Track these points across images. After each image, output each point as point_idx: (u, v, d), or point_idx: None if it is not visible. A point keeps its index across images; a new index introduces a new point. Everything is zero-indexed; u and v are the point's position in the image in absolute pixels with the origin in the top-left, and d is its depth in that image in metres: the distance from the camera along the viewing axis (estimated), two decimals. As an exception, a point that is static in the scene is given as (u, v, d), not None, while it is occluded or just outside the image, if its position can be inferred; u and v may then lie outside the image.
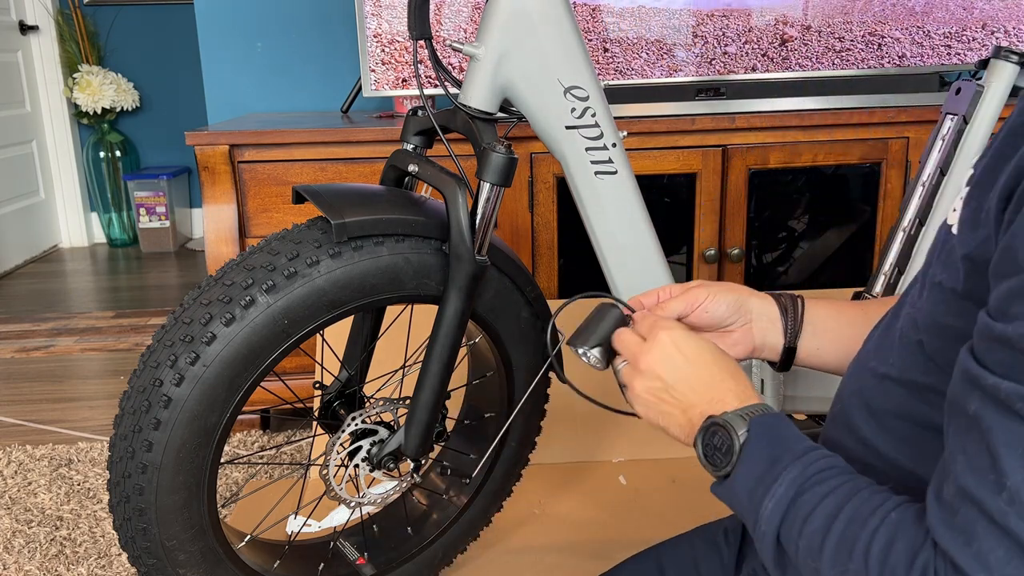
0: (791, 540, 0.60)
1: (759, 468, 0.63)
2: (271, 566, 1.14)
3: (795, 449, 0.63)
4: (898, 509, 0.55)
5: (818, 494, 0.59)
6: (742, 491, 0.64)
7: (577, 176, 1.02)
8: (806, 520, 0.59)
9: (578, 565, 1.35)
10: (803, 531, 0.59)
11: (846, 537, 0.56)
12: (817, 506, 0.59)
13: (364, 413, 1.10)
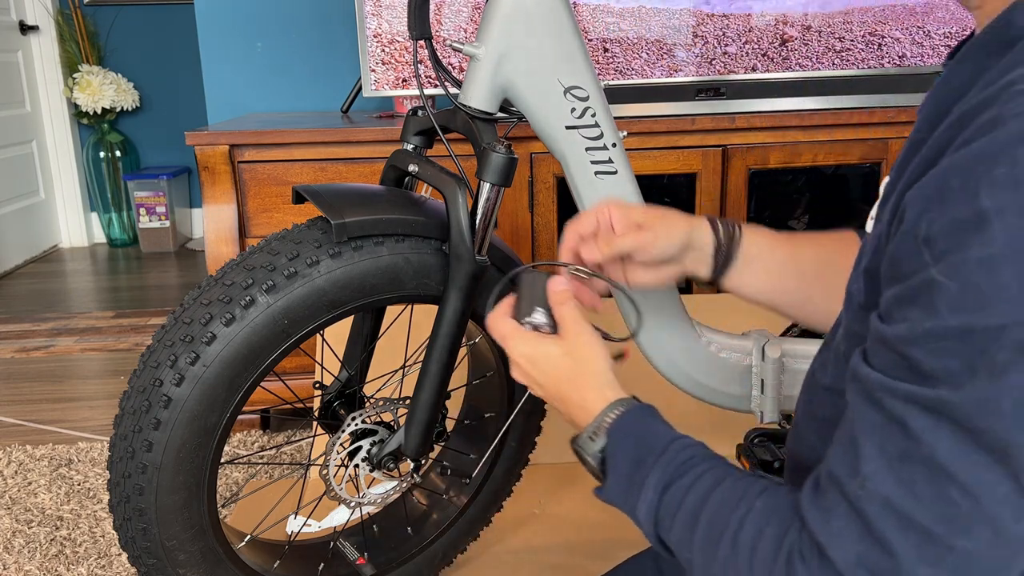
0: (668, 537, 0.64)
1: (625, 475, 0.67)
2: (271, 566, 1.14)
3: (656, 448, 0.67)
4: (762, 497, 0.59)
5: (682, 488, 0.63)
6: (617, 499, 0.68)
7: (577, 176, 1.02)
8: (674, 517, 0.63)
9: (578, 565, 1.35)
10: (673, 527, 0.63)
11: (714, 527, 0.60)
12: (683, 501, 0.63)
13: (364, 413, 1.10)
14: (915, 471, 0.49)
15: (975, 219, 0.46)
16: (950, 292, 0.46)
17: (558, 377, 0.76)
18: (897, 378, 0.50)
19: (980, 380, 0.46)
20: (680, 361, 1.07)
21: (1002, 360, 0.45)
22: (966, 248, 0.46)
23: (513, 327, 0.80)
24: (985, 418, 0.46)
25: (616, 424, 0.70)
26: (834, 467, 0.53)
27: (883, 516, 0.50)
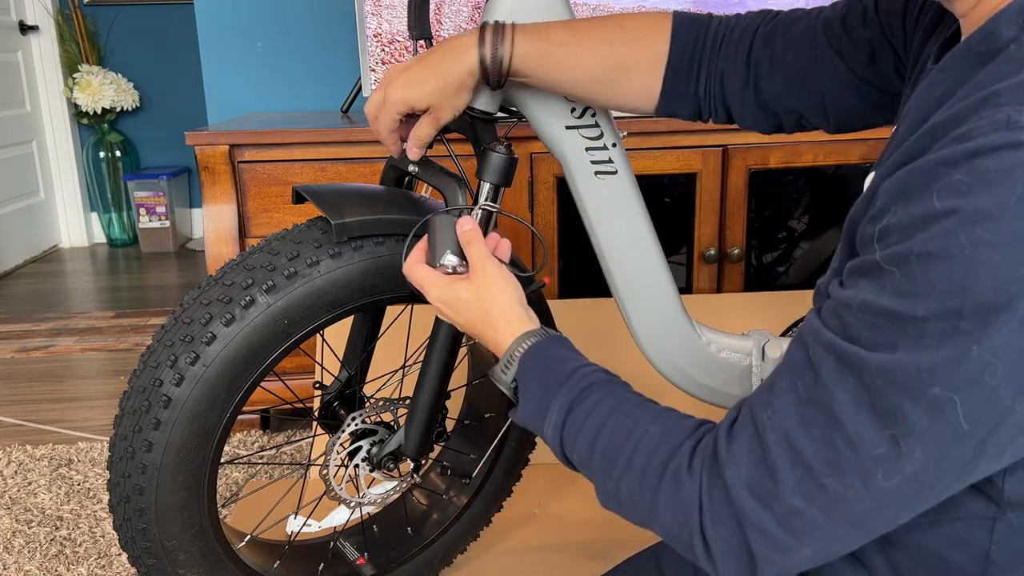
0: (571, 456, 0.70)
1: (533, 401, 0.74)
2: (271, 566, 1.14)
3: (560, 374, 0.73)
4: (656, 422, 0.65)
5: (583, 412, 0.69)
6: (529, 422, 0.75)
7: (577, 176, 1.02)
8: (576, 438, 0.69)
9: (578, 565, 1.35)
10: (576, 447, 0.69)
11: (610, 448, 0.66)
12: (583, 424, 0.69)
13: (364, 413, 1.10)
14: (815, 413, 0.54)
15: (924, 217, 0.50)
16: (893, 278, 0.51)
17: (472, 318, 0.82)
18: (829, 329, 0.55)
19: (893, 352, 0.51)
20: (680, 361, 1.07)
21: (917, 345, 0.50)
22: (910, 242, 0.50)
23: (427, 273, 0.85)
24: (884, 382, 0.51)
25: (525, 356, 0.76)
26: (754, 396, 0.60)
27: (779, 446, 0.56)
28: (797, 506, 0.55)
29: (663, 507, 0.62)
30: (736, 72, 0.90)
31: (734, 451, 0.58)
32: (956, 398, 0.50)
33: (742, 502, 0.57)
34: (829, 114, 0.89)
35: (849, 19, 0.84)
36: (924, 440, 0.51)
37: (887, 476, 0.52)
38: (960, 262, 0.48)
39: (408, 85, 0.88)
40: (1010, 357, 0.48)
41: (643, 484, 0.63)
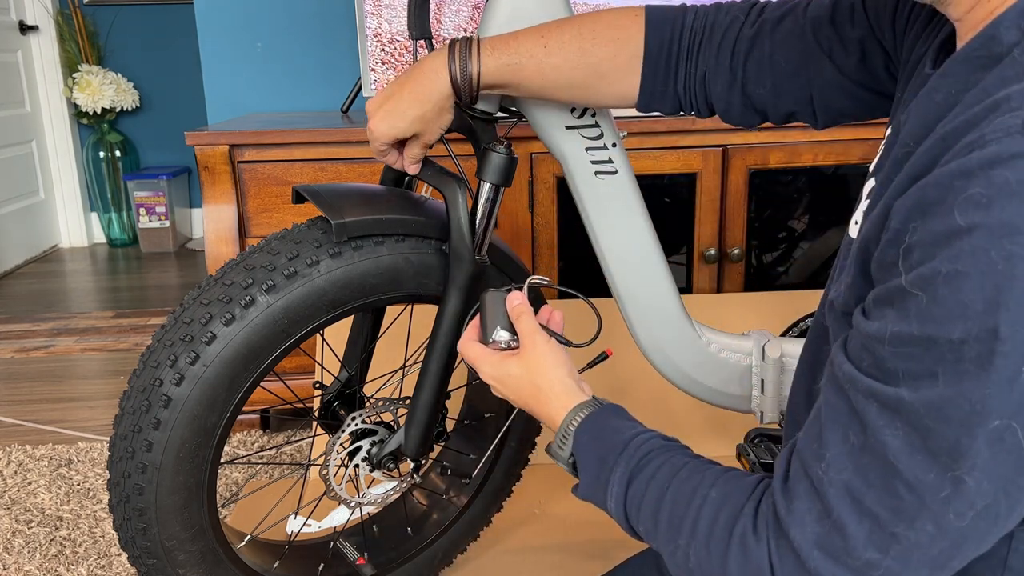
0: (637, 527, 0.69)
1: (593, 475, 0.72)
2: (271, 566, 1.14)
3: (617, 445, 0.71)
4: (716, 485, 0.63)
5: (644, 480, 0.68)
6: (591, 497, 0.73)
7: (577, 176, 1.02)
8: (639, 508, 0.67)
9: (578, 565, 1.35)
10: (640, 518, 0.68)
11: (674, 517, 0.64)
12: (645, 493, 0.67)
13: (364, 413, 1.10)
14: (869, 461, 0.52)
15: (946, 235, 0.48)
16: (919, 302, 0.49)
17: (524, 394, 0.80)
18: (864, 372, 0.53)
19: (936, 386, 0.49)
20: (680, 361, 1.07)
21: (958, 371, 0.48)
22: (935, 261, 0.48)
23: (479, 351, 0.85)
24: (935, 422, 0.49)
25: (579, 428, 0.74)
26: (803, 450, 0.57)
27: (841, 500, 0.54)
28: (872, 559, 0.53)
29: (735, 572, 0.60)
30: (720, 74, 0.88)
31: (795, 510, 0.56)
32: (1015, 424, 0.48)
33: (814, 562, 0.55)
34: (818, 113, 0.88)
35: (837, 17, 0.82)
36: (989, 473, 0.49)
37: (959, 515, 0.50)
38: (992, 278, 0.46)
39: (389, 117, 0.89)
40: None
41: (710, 553, 0.61)
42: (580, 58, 0.87)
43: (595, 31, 0.88)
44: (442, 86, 0.87)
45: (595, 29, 0.88)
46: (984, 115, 0.50)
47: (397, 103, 0.89)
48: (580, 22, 0.89)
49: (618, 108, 0.95)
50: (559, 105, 0.98)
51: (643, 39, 0.88)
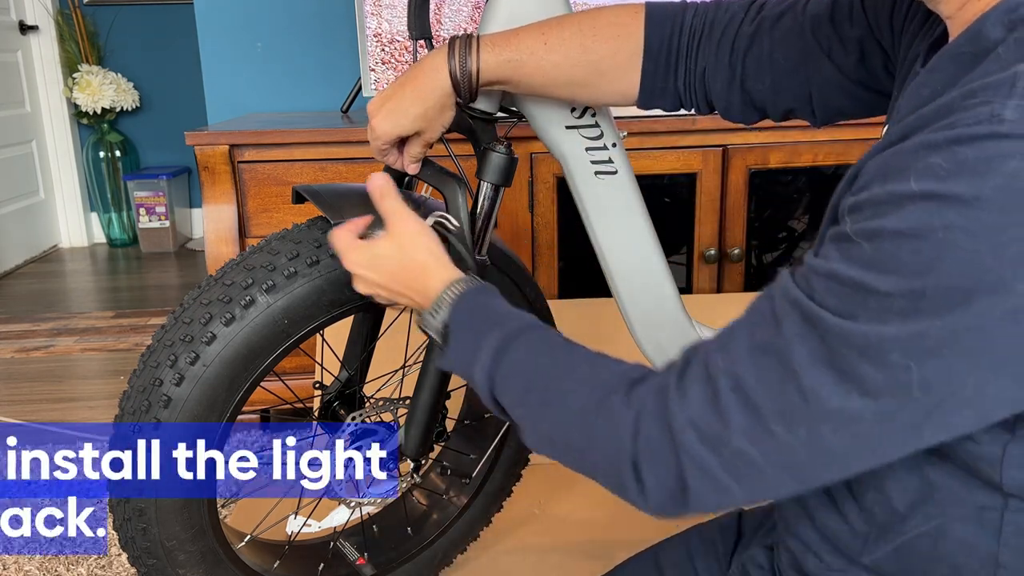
0: (502, 398, 0.70)
1: (463, 342, 0.73)
2: (271, 566, 1.14)
3: (494, 315, 0.73)
4: (592, 363, 0.66)
5: (516, 350, 0.69)
6: (458, 365, 0.74)
7: (577, 176, 1.01)
8: (508, 377, 0.69)
9: (578, 565, 1.35)
10: (506, 388, 0.69)
11: (544, 386, 0.66)
12: (516, 363, 0.69)
13: (364, 413, 1.09)
14: (771, 362, 0.55)
15: (900, 196, 0.51)
16: (862, 251, 0.52)
17: (394, 272, 0.81)
18: (798, 288, 0.56)
19: (856, 323, 0.52)
20: (680, 361, 1.07)
21: (879, 318, 0.51)
22: (884, 219, 0.51)
23: (348, 240, 0.84)
24: (843, 345, 0.52)
25: (458, 299, 0.76)
26: (709, 344, 0.61)
27: (732, 391, 0.57)
28: (743, 449, 0.56)
29: (596, 439, 0.63)
30: (719, 72, 0.88)
31: (683, 389, 0.59)
32: (913, 365, 0.51)
33: (686, 438, 0.58)
34: (817, 111, 0.88)
35: (836, 16, 0.82)
36: (876, 400, 0.52)
37: (834, 430, 0.54)
38: (931, 244, 0.49)
39: (391, 116, 0.89)
40: (969, 337, 0.49)
41: (577, 418, 0.64)
42: (581, 55, 0.87)
43: (595, 28, 0.88)
44: (442, 82, 0.87)
45: (595, 26, 0.88)
46: (959, 102, 0.52)
47: (399, 101, 0.89)
48: (580, 19, 0.89)
49: (618, 105, 0.95)
50: (559, 105, 0.98)
51: (643, 36, 0.88)
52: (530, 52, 0.87)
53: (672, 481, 0.59)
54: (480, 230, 0.97)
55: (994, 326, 0.49)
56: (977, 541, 0.62)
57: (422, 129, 0.90)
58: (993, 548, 0.61)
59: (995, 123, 0.49)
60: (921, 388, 0.51)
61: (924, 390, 0.51)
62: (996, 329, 0.49)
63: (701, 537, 0.90)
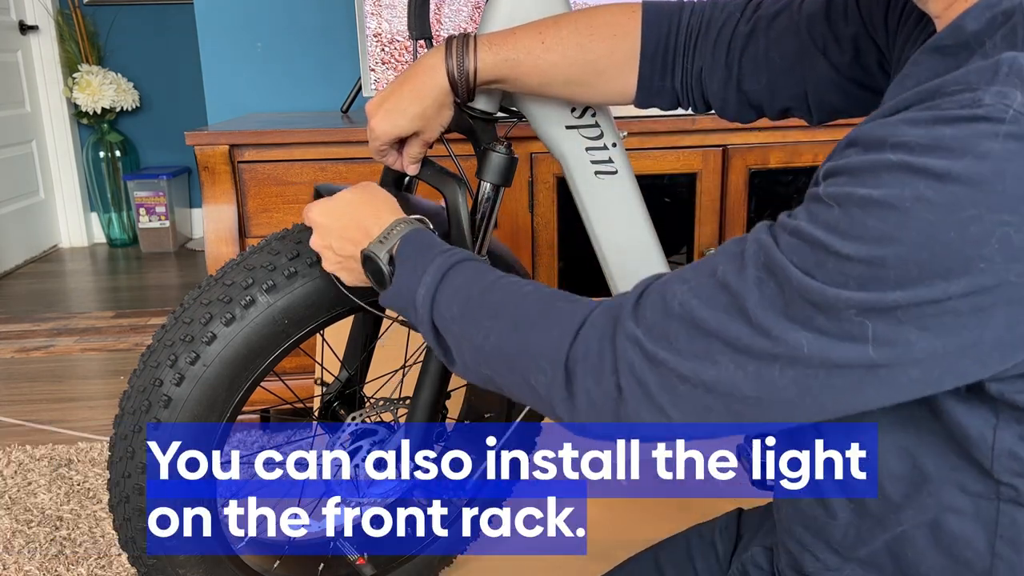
0: (440, 318, 0.71)
1: (408, 267, 0.75)
2: (271, 566, 1.14)
3: (438, 247, 0.75)
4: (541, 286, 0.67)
5: (462, 272, 0.71)
6: (401, 290, 0.75)
7: (577, 176, 1.01)
8: (451, 298, 0.70)
9: (578, 565, 1.35)
10: (449, 302, 0.70)
11: (489, 300, 0.68)
12: (462, 284, 0.70)
13: (364, 413, 1.10)
14: (728, 297, 0.56)
15: (875, 165, 0.52)
16: (830, 213, 0.53)
17: (348, 212, 0.83)
18: (770, 237, 0.57)
19: (813, 280, 0.53)
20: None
21: (836, 280, 0.52)
22: (856, 184, 0.52)
23: (313, 203, 0.87)
24: (801, 298, 0.53)
25: (408, 231, 0.78)
26: (674, 272, 0.62)
27: (684, 318, 0.58)
28: (684, 373, 0.57)
29: (532, 343, 0.63)
30: (716, 71, 0.88)
31: (637, 308, 0.60)
32: (868, 323, 0.51)
33: (628, 351, 0.59)
34: (813, 110, 0.88)
35: (832, 14, 0.83)
36: (825, 348, 0.53)
37: (783, 371, 0.54)
38: (898, 213, 0.50)
39: (389, 116, 0.90)
40: (926, 311, 0.50)
41: (517, 326, 0.65)
42: (578, 54, 0.87)
43: (592, 28, 0.88)
44: (440, 81, 0.87)
45: (592, 25, 0.88)
46: (945, 87, 0.53)
47: (397, 101, 0.89)
48: (577, 18, 0.89)
49: (616, 104, 0.95)
50: (559, 105, 0.98)
51: (640, 36, 0.89)
52: (527, 51, 0.87)
53: (606, 390, 0.60)
54: (480, 230, 0.97)
55: (952, 303, 0.50)
56: (973, 532, 0.61)
57: (420, 129, 0.90)
58: (990, 539, 0.61)
59: (975, 107, 0.50)
60: (873, 344, 0.52)
61: (875, 345, 0.52)
62: (953, 306, 0.50)
63: (700, 537, 0.90)
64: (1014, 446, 0.58)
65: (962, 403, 0.58)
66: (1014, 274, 0.49)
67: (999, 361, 0.53)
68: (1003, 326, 0.51)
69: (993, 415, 0.58)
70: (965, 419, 0.58)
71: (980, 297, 0.49)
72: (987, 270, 0.49)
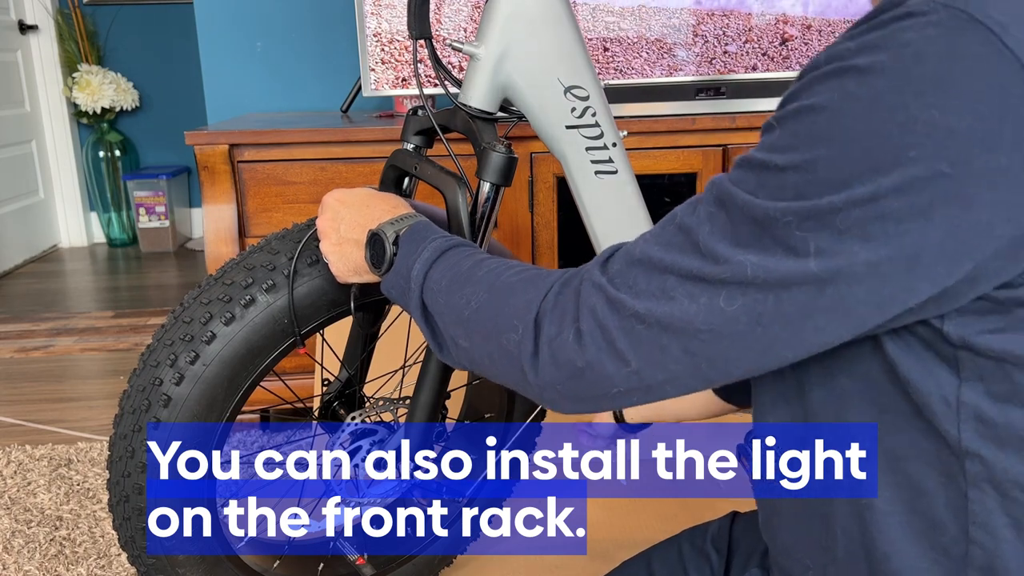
0: (429, 291, 0.72)
1: (413, 244, 0.76)
2: (271, 566, 1.14)
3: (440, 234, 0.77)
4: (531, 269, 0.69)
5: (456, 253, 0.73)
6: (400, 269, 0.76)
7: (577, 176, 1.01)
8: (442, 273, 0.72)
9: (578, 565, 1.35)
10: (439, 276, 0.72)
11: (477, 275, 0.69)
12: (455, 261, 0.72)
13: (364, 413, 1.09)
14: (682, 238, 0.57)
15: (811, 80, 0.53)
16: (772, 134, 0.54)
17: (368, 200, 0.86)
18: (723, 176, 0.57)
19: (756, 198, 0.53)
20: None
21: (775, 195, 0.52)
22: (794, 101, 0.53)
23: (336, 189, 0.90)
24: (745, 219, 0.54)
25: (416, 222, 0.80)
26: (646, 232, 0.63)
27: (643, 262, 0.59)
28: (641, 313, 0.57)
29: (508, 306, 0.64)
30: None
31: (608, 261, 0.61)
32: (808, 235, 0.51)
33: (592, 298, 0.60)
34: None
35: None
36: (769, 266, 0.52)
37: (731, 296, 0.54)
38: (828, 114, 0.50)
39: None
40: (860, 208, 0.49)
41: (499, 292, 0.66)
42: None
43: None
44: None
45: None
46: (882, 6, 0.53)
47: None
48: None
49: None
50: (560, 105, 0.98)
51: None
52: None
53: (567, 338, 0.60)
54: (480, 230, 0.97)
55: (888, 203, 0.49)
56: (944, 517, 0.59)
57: None
58: (962, 524, 0.59)
59: (899, 8, 0.50)
60: (816, 258, 0.51)
61: (819, 261, 0.51)
62: (890, 207, 0.49)
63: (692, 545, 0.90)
64: (980, 405, 0.56)
65: (921, 364, 0.56)
66: (946, 163, 0.48)
67: (945, 274, 0.51)
68: (944, 230, 0.49)
69: (955, 375, 0.56)
70: (926, 384, 0.56)
71: (915, 195, 0.49)
72: (917, 158, 0.48)
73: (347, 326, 1.17)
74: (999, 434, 0.56)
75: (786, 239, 0.52)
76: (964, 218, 0.49)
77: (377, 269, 0.80)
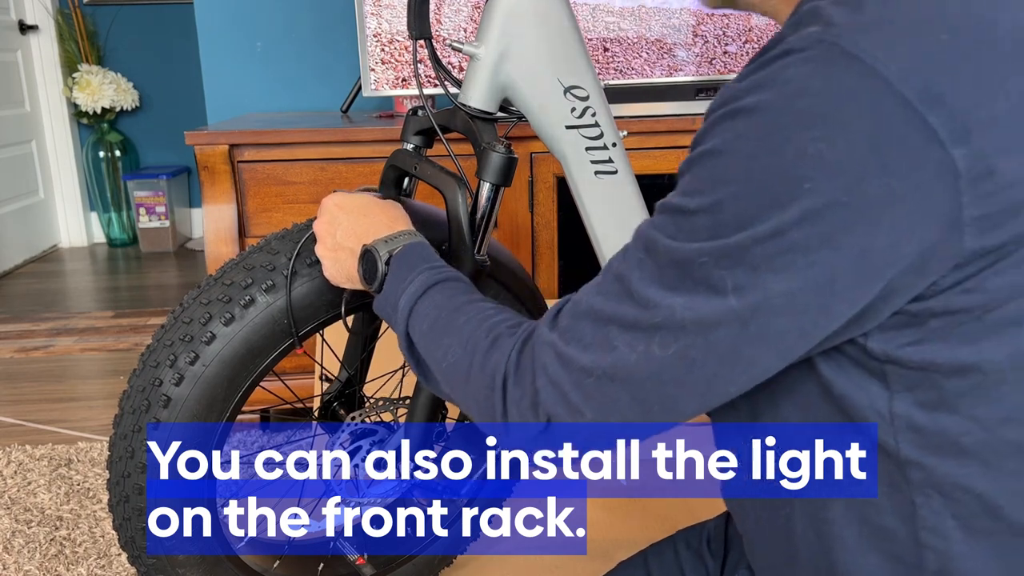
0: (415, 331, 0.74)
1: (403, 271, 0.77)
2: (271, 566, 1.14)
3: (436, 263, 0.78)
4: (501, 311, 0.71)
5: (440, 291, 0.74)
6: (388, 295, 0.77)
7: (577, 176, 1.01)
8: (426, 313, 0.73)
9: (578, 565, 1.35)
10: (422, 315, 0.74)
11: (454, 322, 0.71)
12: (438, 302, 0.73)
13: (364, 413, 1.09)
14: (617, 286, 0.59)
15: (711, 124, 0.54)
16: (684, 179, 0.56)
17: (368, 208, 0.86)
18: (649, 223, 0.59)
19: (672, 242, 0.55)
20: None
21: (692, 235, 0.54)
22: (698, 146, 0.55)
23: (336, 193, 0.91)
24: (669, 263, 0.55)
25: (411, 242, 0.81)
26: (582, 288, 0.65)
27: (587, 315, 0.60)
28: (588, 365, 0.58)
29: (479, 367, 0.66)
30: None
31: (557, 316, 0.63)
32: (725, 272, 0.53)
33: (544, 356, 0.61)
34: None
35: None
36: (694, 307, 0.54)
37: (665, 343, 0.55)
38: (724, 156, 0.52)
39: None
40: (768, 243, 0.51)
41: (469, 347, 0.68)
42: None
43: None
44: None
45: None
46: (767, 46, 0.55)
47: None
48: None
49: None
50: (560, 105, 0.98)
51: None
52: None
53: (529, 400, 0.61)
54: (480, 230, 0.97)
55: (793, 236, 0.50)
56: (894, 525, 0.60)
57: None
58: (911, 530, 0.59)
59: (780, 46, 0.52)
60: (735, 295, 0.52)
61: (737, 296, 0.52)
62: (795, 240, 0.50)
63: (688, 546, 0.90)
64: (912, 415, 0.57)
65: (853, 381, 0.57)
66: (841, 191, 0.49)
67: (860, 296, 0.52)
68: (852, 256, 0.50)
69: (885, 388, 0.57)
70: (860, 399, 0.58)
71: (817, 225, 0.50)
72: (813, 190, 0.49)
73: (347, 326, 1.17)
74: (934, 441, 0.57)
75: (707, 279, 0.53)
76: (869, 242, 0.50)
77: (370, 285, 0.81)
